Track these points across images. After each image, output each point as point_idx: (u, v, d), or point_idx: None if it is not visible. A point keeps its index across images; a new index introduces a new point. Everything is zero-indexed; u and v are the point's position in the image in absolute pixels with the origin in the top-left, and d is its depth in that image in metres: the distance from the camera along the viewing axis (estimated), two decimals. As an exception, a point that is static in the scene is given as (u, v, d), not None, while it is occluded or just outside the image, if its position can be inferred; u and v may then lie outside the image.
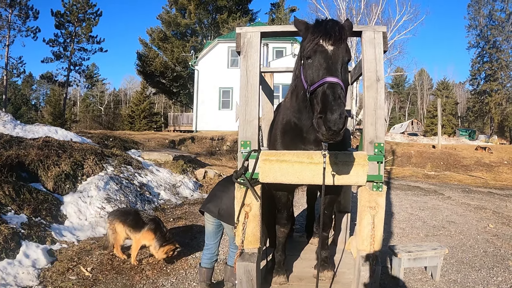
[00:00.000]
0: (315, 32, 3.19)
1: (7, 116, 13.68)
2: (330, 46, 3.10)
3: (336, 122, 2.71)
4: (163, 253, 6.16)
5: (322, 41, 3.12)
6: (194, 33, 53.21)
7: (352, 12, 41.49)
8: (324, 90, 2.90)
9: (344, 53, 3.13)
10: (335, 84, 2.90)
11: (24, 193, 7.87)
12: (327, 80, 2.92)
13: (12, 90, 70.75)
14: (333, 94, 2.83)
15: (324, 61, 3.07)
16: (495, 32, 62.70)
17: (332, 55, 3.09)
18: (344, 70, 3.11)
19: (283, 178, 3.75)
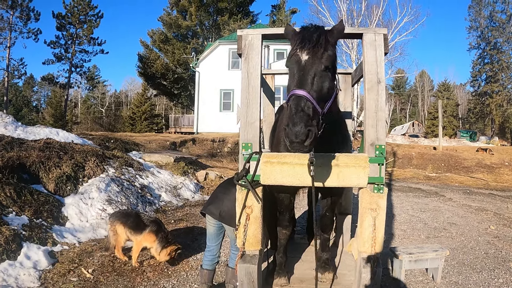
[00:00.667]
0: (294, 40, 3.24)
1: (8, 118, 13.70)
2: (305, 56, 3.13)
3: (296, 135, 2.77)
4: (165, 255, 6.17)
5: (298, 50, 3.16)
6: (195, 35, 53.22)
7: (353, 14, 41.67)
8: (291, 102, 2.97)
9: (320, 61, 3.12)
10: (299, 97, 2.94)
11: (25, 194, 7.87)
12: (293, 93, 2.99)
13: (13, 91, 70.88)
14: (296, 107, 2.89)
15: (296, 72, 3.12)
16: (496, 34, 62.67)
17: (304, 65, 3.11)
18: (320, 79, 3.09)
19: (284, 180, 3.76)
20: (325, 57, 3.12)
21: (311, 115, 2.89)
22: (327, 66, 3.12)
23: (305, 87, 2.99)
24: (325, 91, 3.10)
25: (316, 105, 2.95)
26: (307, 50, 3.12)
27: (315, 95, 3.00)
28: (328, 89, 3.13)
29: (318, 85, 3.06)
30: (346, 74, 6.63)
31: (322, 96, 3.07)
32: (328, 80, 3.14)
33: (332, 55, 3.18)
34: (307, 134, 2.80)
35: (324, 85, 3.10)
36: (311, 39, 3.13)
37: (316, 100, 2.97)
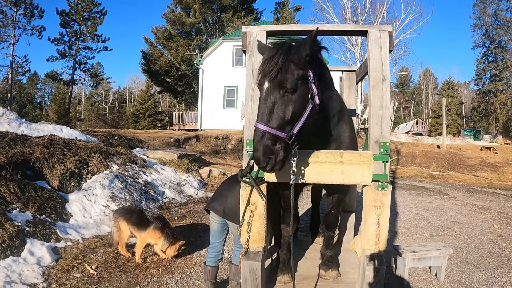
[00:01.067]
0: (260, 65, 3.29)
1: (12, 115, 13.72)
2: (266, 84, 3.20)
3: (258, 162, 3.15)
4: (174, 251, 6.26)
5: (260, 76, 3.25)
6: (199, 32, 53.19)
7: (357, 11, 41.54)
8: (254, 133, 3.18)
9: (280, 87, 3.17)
10: (258, 130, 3.13)
11: (29, 191, 7.89)
12: (255, 126, 3.16)
13: (17, 88, 70.99)
14: (256, 139, 3.13)
15: (259, 101, 3.27)
16: (500, 32, 62.42)
17: (265, 94, 3.22)
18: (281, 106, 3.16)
19: (288, 177, 3.75)
20: (287, 82, 3.16)
21: (270, 144, 3.11)
22: (290, 90, 3.17)
23: (263, 120, 3.14)
24: (288, 117, 3.17)
25: (278, 133, 3.11)
26: (266, 78, 3.19)
27: (276, 123, 3.13)
28: (292, 113, 3.18)
29: (279, 114, 3.16)
30: (351, 72, 6.63)
31: (285, 121, 3.16)
32: (292, 104, 3.19)
33: (296, 76, 3.19)
34: (267, 161, 3.11)
35: (286, 111, 3.17)
36: (271, 64, 3.17)
37: (277, 128, 3.12)
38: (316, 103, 3.29)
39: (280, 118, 3.14)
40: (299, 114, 3.21)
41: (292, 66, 3.17)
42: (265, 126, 3.09)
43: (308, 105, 3.25)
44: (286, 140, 3.14)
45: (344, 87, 6.81)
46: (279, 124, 3.12)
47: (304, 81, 3.24)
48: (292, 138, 3.16)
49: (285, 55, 3.16)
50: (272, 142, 3.10)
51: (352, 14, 41.04)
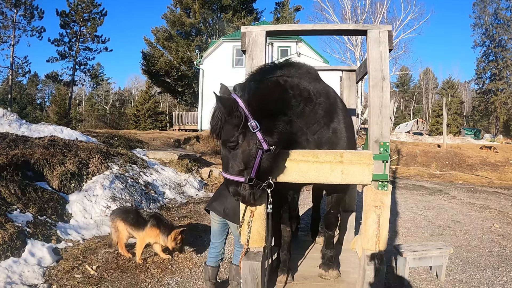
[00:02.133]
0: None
1: (13, 116, 13.74)
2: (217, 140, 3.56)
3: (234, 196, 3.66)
4: (171, 240, 6.22)
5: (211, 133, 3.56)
6: (199, 32, 53.19)
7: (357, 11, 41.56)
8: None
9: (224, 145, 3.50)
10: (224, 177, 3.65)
11: (30, 192, 7.88)
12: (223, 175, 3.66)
13: (18, 89, 70.96)
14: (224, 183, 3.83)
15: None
16: (500, 31, 62.46)
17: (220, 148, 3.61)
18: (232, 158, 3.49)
19: (289, 177, 3.76)
20: (227, 138, 3.44)
21: (236, 186, 3.57)
22: (231, 146, 3.45)
23: (226, 169, 3.56)
24: (241, 165, 3.48)
25: (236, 178, 3.49)
26: (214, 137, 3.51)
27: (233, 171, 3.50)
28: (244, 162, 3.46)
29: (233, 164, 3.50)
30: (351, 71, 6.63)
31: (242, 168, 3.48)
32: (240, 155, 3.46)
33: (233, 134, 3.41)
34: (239, 197, 3.61)
35: (237, 162, 3.47)
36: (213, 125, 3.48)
37: (237, 174, 3.48)
38: (265, 149, 3.43)
39: (234, 167, 3.48)
40: (250, 161, 3.45)
41: (227, 125, 3.40)
42: (227, 175, 3.54)
43: (258, 152, 3.43)
44: (246, 183, 3.47)
45: (344, 87, 6.82)
46: (235, 171, 3.47)
47: (246, 133, 3.42)
48: (252, 180, 3.45)
49: (219, 115, 3.42)
50: (235, 185, 3.55)
51: (352, 14, 41.08)
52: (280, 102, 3.68)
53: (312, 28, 4.13)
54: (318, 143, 4.00)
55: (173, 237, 6.19)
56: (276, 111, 3.61)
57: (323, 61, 32.65)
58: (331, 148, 3.99)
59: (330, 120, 4.07)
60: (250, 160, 3.44)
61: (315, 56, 32.69)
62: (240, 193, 3.54)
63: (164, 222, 6.40)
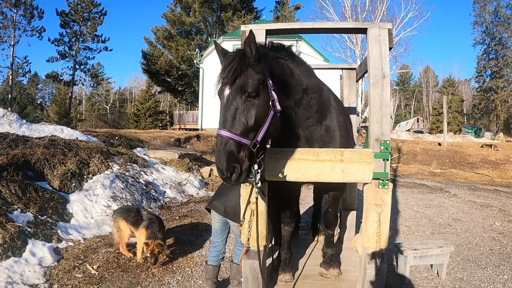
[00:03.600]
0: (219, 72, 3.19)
1: (13, 115, 13.73)
2: (226, 90, 3.10)
3: (221, 172, 2.97)
4: (145, 246, 5.98)
5: (220, 83, 3.14)
6: (199, 31, 53.14)
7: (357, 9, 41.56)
8: (216, 141, 3.08)
9: (241, 91, 3.08)
10: (221, 136, 3.00)
11: (30, 191, 7.89)
12: (218, 133, 3.04)
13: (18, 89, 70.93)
14: (218, 147, 2.99)
15: (220, 107, 3.16)
16: (500, 29, 62.42)
17: (226, 100, 3.11)
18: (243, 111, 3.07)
19: (289, 175, 3.75)
20: (246, 87, 3.08)
21: (235, 152, 2.98)
22: (249, 95, 3.08)
23: (226, 126, 3.02)
24: (251, 122, 3.08)
25: (242, 140, 3.00)
26: (226, 84, 3.10)
27: (239, 130, 3.02)
28: (255, 119, 3.10)
29: (242, 120, 3.06)
30: (351, 70, 6.62)
31: (249, 128, 3.07)
32: (254, 109, 3.11)
33: (256, 80, 3.12)
34: (232, 171, 2.96)
35: (249, 117, 3.08)
36: (228, 70, 3.08)
37: (241, 135, 3.01)
38: (277, 109, 3.23)
39: (243, 124, 3.05)
40: (262, 120, 3.14)
41: (250, 70, 3.11)
42: (228, 133, 2.99)
43: (270, 112, 3.18)
44: (251, 147, 3.05)
45: (344, 85, 6.81)
46: (242, 130, 3.03)
47: (264, 87, 3.18)
48: (256, 146, 3.08)
49: (242, 60, 3.10)
50: (237, 150, 3.00)
51: (352, 12, 41.10)
52: (288, 81, 3.64)
53: (312, 26, 4.12)
54: (309, 139, 3.98)
55: (150, 246, 5.92)
56: (284, 86, 3.54)
57: (323, 60, 32.62)
58: (323, 146, 3.97)
59: (323, 118, 4.03)
60: (262, 118, 3.14)
61: (315, 54, 32.66)
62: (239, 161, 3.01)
63: (152, 228, 6.20)
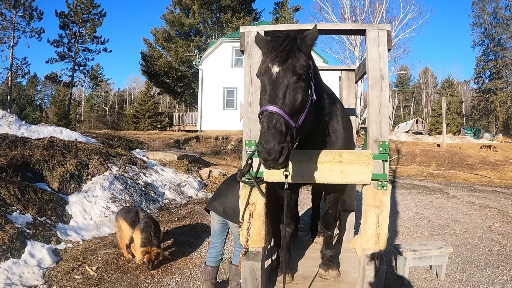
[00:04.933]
0: (264, 51, 3.13)
1: (12, 117, 13.73)
2: (276, 68, 3.00)
3: (269, 153, 2.71)
4: (139, 253, 5.94)
5: (269, 61, 3.03)
6: (198, 32, 53.21)
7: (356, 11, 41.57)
8: (262, 119, 2.88)
9: (291, 72, 3.00)
10: (271, 113, 2.84)
11: (29, 193, 7.89)
12: (265, 109, 2.89)
13: (17, 90, 71.03)
14: (268, 124, 2.80)
15: (267, 85, 3.02)
16: (499, 30, 62.49)
17: (276, 78, 3.00)
18: (292, 92, 2.98)
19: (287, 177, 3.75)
20: (298, 68, 3.01)
21: (284, 131, 2.82)
22: (300, 77, 3.02)
23: (276, 102, 2.90)
24: (298, 104, 3.00)
25: (289, 120, 2.88)
26: (278, 62, 3.00)
27: (288, 109, 2.91)
28: (301, 102, 3.03)
29: (290, 99, 2.97)
30: (350, 71, 6.64)
31: (295, 109, 2.98)
32: (301, 92, 3.04)
33: (305, 64, 3.08)
34: (281, 151, 2.73)
35: (297, 98, 3.01)
36: (281, 49, 3.02)
37: (288, 114, 2.89)
38: (314, 99, 3.22)
39: (291, 104, 2.94)
40: (304, 105, 3.08)
41: (301, 54, 3.07)
42: (279, 110, 2.84)
43: (309, 100, 3.14)
44: (294, 131, 2.93)
45: (343, 87, 6.81)
46: (289, 111, 2.91)
47: (308, 74, 3.15)
48: (297, 131, 2.98)
49: (295, 43, 3.08)
50: (285, 129, 2.83)
51: (351, 14, 41.08)
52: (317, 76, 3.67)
53: (310, 27, 4.13)
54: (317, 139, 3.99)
55: (141, 250, 5.90)
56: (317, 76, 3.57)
57: (323, 61, 32.62)
58: (328, 147, 3.99)
59: (331, 119, 4.07)
60: (305, 104, 3.09)
61: (314, 56, 32.13)
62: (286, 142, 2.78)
63: (147, 231, 6.11)
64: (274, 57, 3.01)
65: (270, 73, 3.02)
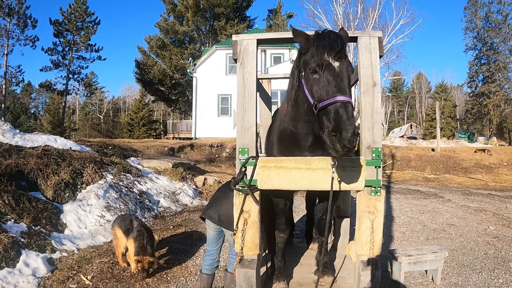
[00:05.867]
0: (320, 46, 3.19)
1: (6, 125, 13.69)
2: (336, 62, 3.13)
3: (350, 140, 2.82)
4: (133, 262, 5.93)
5: (327, 56, 3.13)
6: (192, 40, 53.32)
7: (349, 17, 41.75)
8: (337, 109, 2.95)
9: (349, 67, 3.19)
10: (347, 103, 2.96)
11: (24, 202, 7.87)
12: (339, 99, 2.96)
13: (11, 98, 70.79)
14: (347, 114, 2.90)
15: (332, 78, 3.11)
16: (492, 34, 62.82)
17: (339, 71, 3.13)
18: (350, 85, 3.18)
19: (281, 184, 3.76)
20: (350, 63, 3.23)
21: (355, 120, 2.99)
22: (353, 71, 3.26)
23: (347, 93, 3.04)
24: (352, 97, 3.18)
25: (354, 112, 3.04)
26: (337, 57, 3.14)
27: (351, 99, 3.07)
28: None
29: (350, 92, 3.17)
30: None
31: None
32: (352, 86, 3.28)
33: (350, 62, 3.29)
34: (356, 138, 2.89)
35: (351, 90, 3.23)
36: (339, 45, 3.15)
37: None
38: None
39: (351, 96, 3.14)
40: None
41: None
42: (350, 99, 3.02)
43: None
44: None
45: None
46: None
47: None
48: None
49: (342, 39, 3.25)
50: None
51: (344, 20, 41.26)
52: None
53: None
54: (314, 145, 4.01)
55: (135, 259, 5.88)
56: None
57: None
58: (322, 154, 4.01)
59: None
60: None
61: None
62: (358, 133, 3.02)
63: (141, 240, 6.07)
64: (334, 52, 3.14)
65: (332, 67, 3.15)
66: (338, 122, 2.90)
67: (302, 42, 3.37)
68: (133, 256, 5.95)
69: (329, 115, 2.98)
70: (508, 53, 62.69)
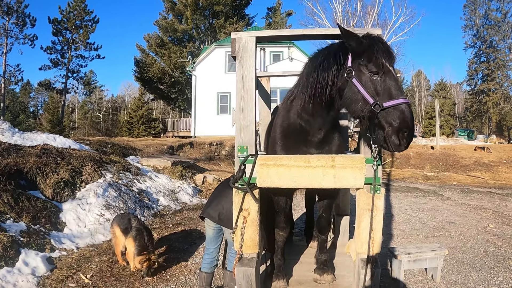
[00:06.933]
0: (379, 51, 3.29)
1: (5, 124, 13.66)
2: (391, 68, 3.30)
3: (412, 136, 3.18)
4: (137, 262, 5.89)
5: (387, 61, 3.28)
6: (191, 38, 53.30)
7: (348, 15, 41.65)
8: (403, 109, 3.15)
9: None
10: (409, 104, 3.20)
11: (23, 201, 7.86)
12: (403, 101, 3.17)
13: (10, 97, 70.75)
14: (411, 114, 3.17)
15: (394, 82, 3.28)
16: (491, 32, 62.74)
17: (395, 76, 3.32)
18: None
19: (280, 182, 3.75)
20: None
21: None
22: None
23: (406, 96, 3.27)
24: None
25: None
26: (393, 63, 3.34)
27: None
28: None
29: None
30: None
31: None
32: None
33: None
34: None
35: None
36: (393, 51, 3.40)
37: None
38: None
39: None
40: None
41: None
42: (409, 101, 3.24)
43: None
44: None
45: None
46: None
47: None
48: None
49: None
50: None
51: (343, 18, 41.18)
52: None
53: (302, 33, 4.13)
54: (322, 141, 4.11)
55: (140, 259, 5.85)
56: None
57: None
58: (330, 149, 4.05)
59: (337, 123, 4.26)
60: None
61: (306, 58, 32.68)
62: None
63: (141, 239, 6.06)
64: (392, 58, 3.34)
65: (391, 72, 3.32)
66: (406, 121, 3.13)
67: (354, 45, 3.39)
68: (136, 255, 5.93)
69: (393, 114, 3.16)
70: (507, 51, 62.62)
